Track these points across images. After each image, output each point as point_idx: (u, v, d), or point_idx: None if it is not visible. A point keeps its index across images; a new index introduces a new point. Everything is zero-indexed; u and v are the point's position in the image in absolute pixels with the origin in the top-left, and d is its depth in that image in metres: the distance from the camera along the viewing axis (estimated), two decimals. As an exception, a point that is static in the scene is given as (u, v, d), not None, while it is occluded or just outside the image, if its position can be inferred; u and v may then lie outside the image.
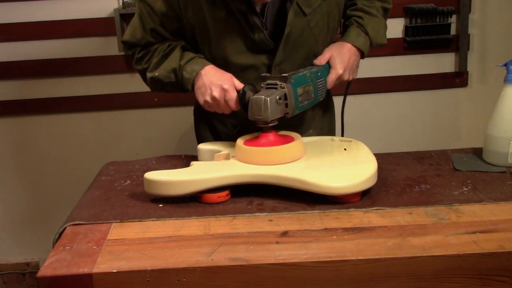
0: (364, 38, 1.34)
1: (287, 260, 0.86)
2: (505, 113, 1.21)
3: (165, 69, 1.27)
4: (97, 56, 2.24)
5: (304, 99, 1.19)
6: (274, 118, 1.13)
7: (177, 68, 1.25)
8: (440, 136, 2.40)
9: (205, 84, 1.21)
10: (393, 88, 2.34)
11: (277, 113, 1.13)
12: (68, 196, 2.31)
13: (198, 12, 1.23)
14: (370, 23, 1.35)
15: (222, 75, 1.21)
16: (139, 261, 0.87)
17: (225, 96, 1.19)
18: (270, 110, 1.10)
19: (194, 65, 1.24)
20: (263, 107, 1.10)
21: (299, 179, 1.05)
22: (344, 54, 1.30)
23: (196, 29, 1.26)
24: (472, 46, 2.31)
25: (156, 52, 1.29)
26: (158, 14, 1.26)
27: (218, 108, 1.22)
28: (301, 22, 1.25)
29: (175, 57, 1.26)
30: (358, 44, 1.33)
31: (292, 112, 1.16)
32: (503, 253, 0.86)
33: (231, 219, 1.02)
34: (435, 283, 0.87)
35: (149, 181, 1.09)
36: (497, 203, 1.04)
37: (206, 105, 1.23)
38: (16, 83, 2.26)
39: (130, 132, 2.34)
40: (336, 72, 1.28)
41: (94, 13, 2.19)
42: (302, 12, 1.24)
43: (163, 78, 1.27)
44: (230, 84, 1.19)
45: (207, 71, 1.22)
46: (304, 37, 1.27)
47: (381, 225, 0.97)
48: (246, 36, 1.24)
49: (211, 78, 1.21)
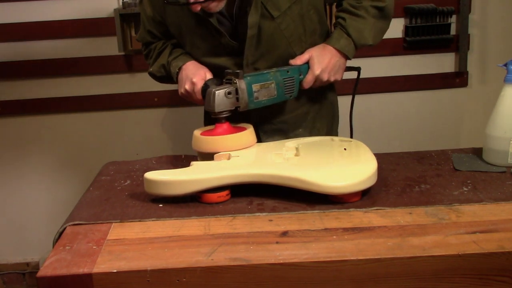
0: (346, 40, 1.34)
1: (287, 260, 0.86)
2: (505, 113, 1.21)
3: (157, 65, 1.43)
4: (97, 56, 2.24)
5: (262, 96, 1.26)
6: (222, 110, 1.22)
7: (166, 64, 1.40)
8: (440, 136, 2.40)
9: (182, 78, 1.34)
10: (393, 88, 2.34)
11: (226, 105, 1.22)
12: (68, 196, 2.32)
13: (175, 18, 1.35)
14: (352, 24, 1.33)
15: (197, 70, 1.33)
16: (139, 261, 0.87)
17: (193, 88, 1.30)
18: (217, 102, 1.21)
19: (178, 61, 1.38)
20: (211, 99, 1.21)
21: (299, 178, 1.05)
22: (324, 55, 1.32)
23: (175, 32, 1.39)
24: (472, 46, 2.31)
25: (154, 50, 1.45)
26: (149, 18, 1.41)
27: (191, 99, 1.34)
28: (270, 24, 1.29)
29: (165, 54, 1.42)
30: (339, 47, 1.33)
31: (245, 106, 1.24)
32: (503, 253, 0.86)
33: (231, 219, 1.02)
34: (435, 283, 0.87)
35: (149, 181, 1.09)
36: (497, 203, 1.04)
37: (182, 96, 1.37)
38: (16, 83, 2.26)
39: (130, 132, 2.34)
40: (313, 73, 1.30)
41: (94, 13, 2.19)
42: (270, 15, 1.28)
43: (156, 72, 1.44)
44: (199, 78, 1.30)
45: (187, 66, 1.35)
46: (275, 39, 1.31)
47: (381, 225, 0.97)
48: (215, 39, 1.33)
49: (187, 72, 1.33)
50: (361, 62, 2.31)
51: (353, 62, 1.40)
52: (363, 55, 2.26)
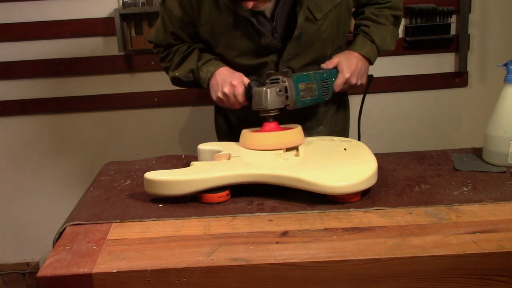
0: (370, 46, 1.42)
1: (287, 260, 0.86)
2: (505, 113, 1.21)
3: (184, 69, 1.41)
4: (97, 56, 2.24)
5: (306, 95, 1.29)
6: (274, 107, 1.23)
7: (195, 69, 1.39)
8: (440, 136, 2.40)
9: (218, 82, 1.34)
10: (393, 88, 2.34)
11: (277, 103, 1.23)
12: (68, 196, 2.31)
13: (210, 18, 1.33)
14: (376, 31, 1.42)
15: (233, 74, 1.34)
16: (139, 261, 0.87)
17: (233, 91, 1.30)
18: (270, 99, 1.22)
19: (210, 66, 1.37)
20: (264, 97, 1.22)
21: (299, 178, 1.05)
22: (351, 60, 1.39)
23: (207, 34, 1.37)
24: (472, 46, 2.31)
25: (177, 53, 1.43)
26: (176, 19, 1.39)
27: (229, 103, 1.34)
28: (311, 26, 1.33)
29: (193, 58, 1.40)
30: (364, 52, 1.41)
31: (293, 104, 1.26)
32: (503, 253, 0.86)
33: (231, 219, 1.02)
34: (435, 283, 0.87)
35: (149, 181, 1.09)
36: (497, 203, 1.04)
37: (218, 101, 1.35)
38: (16, 83, 2.26)
39: (130, 132, 2.34)
40: (343, 76, 1.37)
41: (94, 13, 2.19)
42: (313, 17, 1.32)
43: (182, 77, 1.42)
44: (238, 80, 1.31)
45: (220, 71, 1.35)
46: (313, 40, 1.35)
47: (381, 225, 0.97)
48: (254, 40, 1.33)
49: (223, 77, 1.33)
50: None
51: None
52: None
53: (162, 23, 1.42)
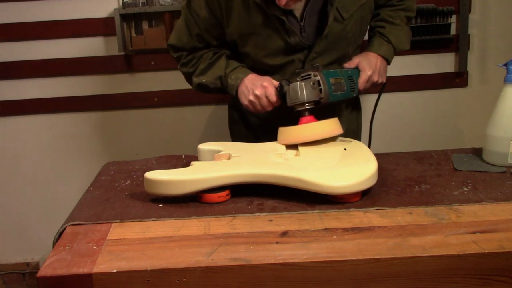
0: (387, 46, 1.46)
1: (287, 260, 0.86)
2: (505, 113, 1.21)
3: (212, 76, 1.41)
4: (97, 56, 2.24)
5: (337, 89, 1.31)
6: (310, 100, 1.26)
7: (223, 76, 1.40)
8: (440, 136, 2.40)
9: (248, 87, 1.35)
10: (393, 88, 2.34)
11: (312, 95, 1.26)
12: (68, 196, 2.31)
13: (239, 18, 1.34)
14: (392, 32, 1.47)
15: (262, 78, 1.36)
16: (139, 261, 0.87)
17: (265, 92, 1.32)
18: (306, 92, 1.25)
19: (238, 73, 1.39)
20: (299, 90, 1.25)
21: (299, 178, 1.05)
22: (370, 59, 1.43)
23: (235, 34, 1.38)
24: (472, 46, 2.31)
25: (203, 59, 1.43)
26: (203, 21, 1.38)
27: (260, 105, 1.34)
28: (338, 26, 1.36)
29: (220, 65, 1.41)
30: (382, 53, 1.45)
31: (327, 97, 1.28)
32: (503, 253, 0.86)
33: (231, 219, 1.02)
34: (435, 283, 0.87)
35: (149, 181, 1.09)
36: (497, 203, 1.04)
37: (250, 104, 1.36)
38: (16, 83, 2.26)
39: (130, 132, 2.34)
40: (365, 74, 1.40)
41: (94, 13, 2.19)
42: (341, 17, 1.36)
43: (210, 84, 1.42)
44: (268, 82, 1.33)
45: (249, 77, 1.37)
46: (339, 39, 1.39)
47: (381, 225, 0.97)
48: (283, 39, 1.35)
49: (252, 81, 1.35)
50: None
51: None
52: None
53: (186, 26, 1.41)
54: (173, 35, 1.45)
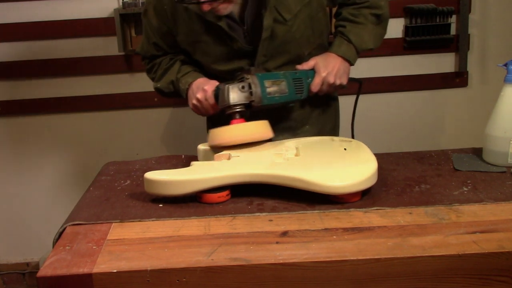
0: (347, 46, 1.41)
1: (287, 260, 0.86)
2: (505, 113, 1.21)
3: (165, 81, 1.44)
4: (97, 56, 2.24)
5: (274, 92, 1.29)
6: (237, 103, 1.24)
7: (174, 80, 1.42)
8: (440, 136, 2.40)
9: (193, 91, 1.36)
10: (393, 88, 2.34)
11: (240, 99, 1.25)
12: (68, 196, 2.32)
13: (184, 27, 1.36)
14: (352, 31, 1.41)
15: (208, 81, 1.36)
16: (139, 261, 0.87)
17: (205, 95, 1.32)
18: (232, 95, 1.24)
19: (188, 77, 1.40)
20: (226, 93, 1.24)
21: (299, 178, 1.05)
22: (328, 61, 1.38)
23: (184, 42, 1.40)
24: (472, 46, 2.31)
25: (160, 66, 1.45)
26: (156, 30, 1.41)
27: (203, 108, 1.35)
28: (282, 27, 1.33)
29: (174, 70, 1.43)
30: (341, 53, 1.40)
31: (259, 100, 1.26)
32: (503, 253, 0.86)
33: (231, 219, 1.02)
34: (435, 283, 0.87)
35: (149, 181, 1.09)
36: (497, 203, 1.04)
37: (194, 108, 1.38)
38: (16, 83, 2.26)
39: (130, 132, 2.34)
40: (319, 76, 1.36)
41: (94, 13, 2.19)
42: (282, 18, 1.32)
43: (164, 88, 1.45)
44: (210, 86, 1.32)
45: (197, 82, 1.38)
46: (286, 41, 1.35)
47: (381, 225, 0.97)
48: (226, 45, 1.35)
49: (197, 85, 1.36)
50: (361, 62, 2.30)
51: (356, 61, 1.42)
52: (363, 55, 2.26)
53: (145, 34, 1.44)
54: (139, 44, 1.49)
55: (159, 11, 1.37)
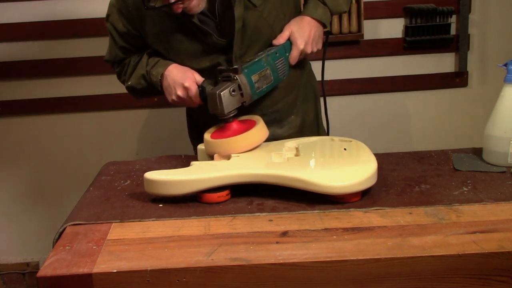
0: (323, 9, 1.36)
1: (287, 260, 0.86)
2: (505, 113, 1.21)
3: (136, 77, 1.38)
4: (97, 56, 2.23)
5: (262, 84, 1.25)
6: (230, 110, 1.19)
7: (145, 74, 1.35)
8: (440, 136, 2.40)
9: (170, 85, 1.30)
10: (393, 88, 2.34)
11: (233, 104, 1.20)
12: (68, 196, 2.31)
13: (154, 27, 1.31)
14: None
15: (184, 73, 1.29)
16: (139, 261, 0.87)
17: (187, 93, 1.27)
18: (225, 103, 1.18)
19: (158, 67, 1.33)
20: (218, 101, 1.17)
21: (299, 178, 1.05)
22: (303, 28, 1.33)
23: (155, 43, 1.35)
24: (472, 46, 2.31)
25: (129, 65, 1.40)
26: (122, 34, 1.36)
27: (185, 104, 1.32)
28: (253, 14, 1.29)
29: (142, 64, 1.37)
30: (317, 16, 1.35)
31: (250, 99, 1.22)
32: (503, 253, 0.86)
33: (231, 219, 1.02)
34: (435, 283, 0.87)
35: (149, 181, 1.09)
36: (497, 203, 1.04)
37: (174, 103, 1.32)
38: (16, 83, 2.26)
39: (130, 132, 2.34)
40: (297, 48, 1.32)
41: (94, 13, 2.19)
42: (252, 4, 1.28)
43: (135, 85, 1.39)
44: (191, 81, 1.27)
45: (170, 71, 1.31)
46: (259, 28, 1.31)
47: (381, 225, 0.97)
48: (199, 41, 1.31)
49: (174, 77, 1.30)
50: (361, 62, 2.31)
51: (356, 60, 1.42)
52: (363, 55, 2.27)
53: (112, 40, 1.38)
54: (107, 50, 1.42)
55: (125, 14, 1.32)
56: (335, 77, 2.25)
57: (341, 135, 1.48)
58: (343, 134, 1.49)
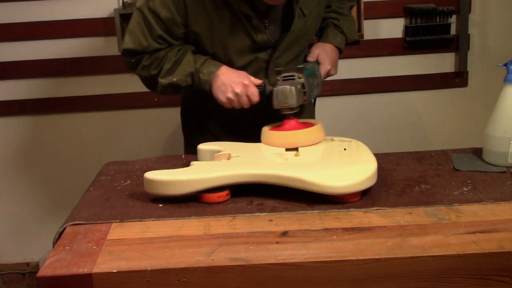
0: (341, 38, 1.51)
1: (287, 260, 0.86)
2: (505, 113, 1.21)
3: (182, 73, 1.33)
4: (97, 56, 2.24)
5: (314, 88, 1.32)
6: (298, 104, 1.24)
7: (194, 72, 1.33)
8: (440, 136, 2.40)
9: (225, 83, 1.31)
10: (393, 88, 2.34)
11: (300, 100, 1.25)
12: (68, 196, 2.31)
13: (205, 17, 1.31)
14: (345, 24, 1.52)
15: (239, 73, 1.33)
16: (139, 261, 0.87)
17: (246, 91, 1.29)
18: (296, 97, 1.23)
19: (209, 67, 1.33)
20: (289, 95, 1.22)
21: (299, 178, 1.05)
22: (328, 52, 1.46)
23: (201, 33, 1.34)
24: (472, 46, 2.31)
25: (167, 59, 1.34)
26: (164, 21, 1.31)
27: (239, 103, 1.32)
28: (301, 22, 1.37)
29: (188, 61, 1.33)
30: (337, 43, 1.50)
31: (308, 99, 1.28)
32: (503, 253, 0.86)
33: (231, 219, 1.02)
34: (435, 283, 0.87)
35: (149, 181, 1.09)
36: (497, 203, 1.04)
37: (227, 102, 1.32)
38: (16, 83, 2.26)
39: (130, 132, 2.34)
40: (325, 67, 1.43)
41: (94, 13, 2.19)
42: (302, 13, 1.35)
43: (180, 82, 1.34)
44: (249, 80, 1.31)
45: (223, 71, 1.32)
46: (300, 36, 1.40)
47: (381, 225, 0.97)
48: (249, 37, 1.34)
49: (229, 76, 1.31)
50: (361, 62, 2.31)
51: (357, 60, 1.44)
52: (363, 55, 2.27)
53: (146, 28, 1.32)
54: (128, 39, 1.36)
55: (172, 1, 1.29)
56: (335, 77, 2.23)
57: (341, 135, 1.48)
58: (343, 134, 1.49)
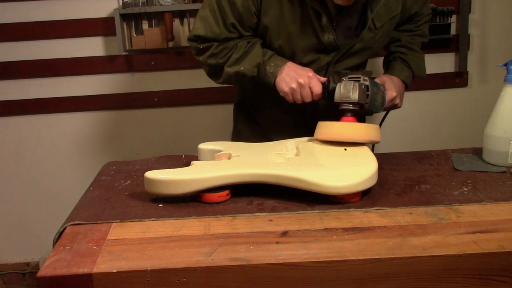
0: (407, 72, 1.50)
1: (287, 260, 0.86)
2: (505, 113, 1.21)
3: (249, 63, 1.36)
4: (97, 56, 2.24)
5: (376, 100, 1.30)
6: (359, 101, 1.24)
7: (261, 63, 1.36)
8: (440, 136, 2.40)
9: (290, 74, 1.33)
10: (393, 88, 2.34)
11: (362, 98, 1.24)
12: (68, 196, 2.31)
13: (277, 10, 1.33)
14: (413, 59, 1.52)
15: (304, 68, 1.35)
16: (139, 261, 0.87)
17: (310, 82, 1.30)
18: (359, 93, 1.23)
19: (277, 61, 1.36)
20: (352, 89, 1.23)
21: (299, 178, 1.05)
22: (395, 82, 1.45)
23: (269, 26, 1.36)
24: (472, 46, 2.31)
25: (236, 49, 1.37)
26: (239, 10, 1.33)
27: (301, 95, 1.32)
28: (370, 34, 1.38)
29: (257, 53, 1.36)
30: (403, 78, 1.48)
31: (370, 104, 1.27)
32: (503, 253, 0.86)
33: (231, 219, 1.02)
34: (435, 283, 0.87)
35: (149, 180, 1.09)
36: (497, 203, 1.04)
37: (290, 91, 1.32)
38: (16, 83, 2.26)
39: (130, 132, 2.34)
40: (392, 93, 1.40)
41: (94, 13, 2.19)
42: (373, 26, 1.38)
43: (247, 72, 1.37)
44: (313, 73, 1.33)
45: (290, 65, 1.35)
46: (366, 47, 1.41)
47: (381, 225, 0.97)
48: (316, 36, 1.35)
49: (295, 69, 1.34)
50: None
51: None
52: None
53: (220, 16, 1.34)
54: (199, 25, 1.37)
55: None
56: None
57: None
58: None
